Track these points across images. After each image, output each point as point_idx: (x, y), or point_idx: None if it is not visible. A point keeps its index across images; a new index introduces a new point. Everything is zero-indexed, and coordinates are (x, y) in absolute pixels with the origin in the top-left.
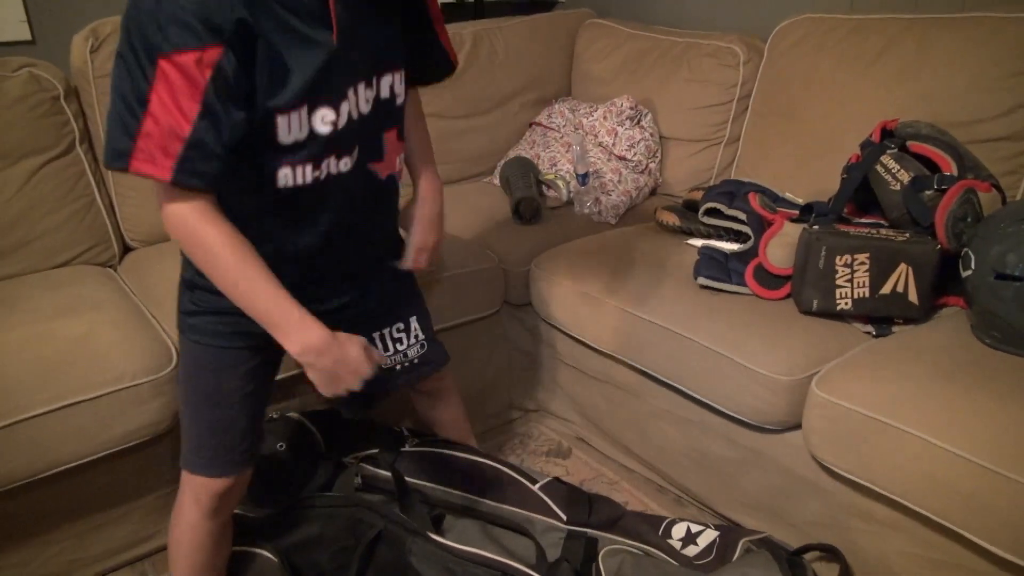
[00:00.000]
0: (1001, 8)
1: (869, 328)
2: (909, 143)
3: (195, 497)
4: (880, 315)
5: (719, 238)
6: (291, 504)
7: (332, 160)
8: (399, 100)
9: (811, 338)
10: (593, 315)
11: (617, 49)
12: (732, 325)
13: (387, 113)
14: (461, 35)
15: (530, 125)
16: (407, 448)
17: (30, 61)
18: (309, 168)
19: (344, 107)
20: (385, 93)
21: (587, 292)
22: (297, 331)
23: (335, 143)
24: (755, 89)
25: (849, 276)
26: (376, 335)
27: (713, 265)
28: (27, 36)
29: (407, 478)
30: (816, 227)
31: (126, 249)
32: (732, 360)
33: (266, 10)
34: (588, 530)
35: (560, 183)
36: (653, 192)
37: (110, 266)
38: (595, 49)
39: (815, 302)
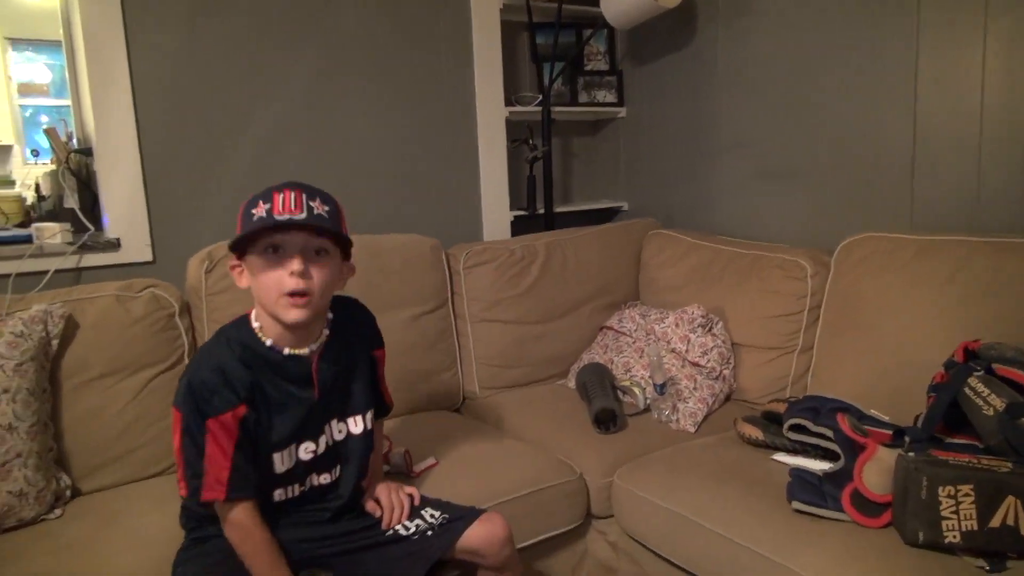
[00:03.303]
0: None
1: (981, 563)
2: (995, 366)
3: None
4: (992, 549)
5: (805, 454)
6: None
7: (315, 477)
8: (362, 431)
9: (920, 573)
10: (682, 535)
11: (683, 258)
12: (835, 556)
13: (356, 440)
14: (535, 246)
15: (601, 329)
16: None
17: (153, 282)
18: (297, 487)
19: (322, 440)
20: (354, 428)
21: (675, 510)
22: None
23: (317, 465)
24: (824, 301)
25: (954, 507)
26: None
27: (807, 488)
28: (149, 258)
29: None
30: (912, 454)
31: None
32: None
33: (268, 379)
34: None
35: (637, 390)
36: (728, 398)
37: None
38: (662, 258)
39: (921, 534)
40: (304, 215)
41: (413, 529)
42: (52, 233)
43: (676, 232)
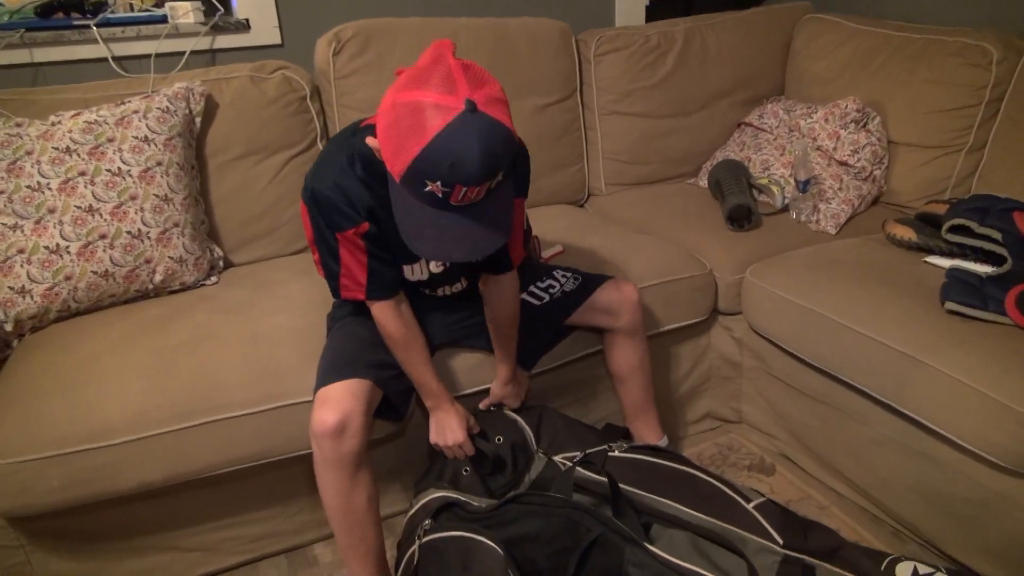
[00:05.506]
0: None
1: None
2: None
3: (315, 442)
4: None
5: (964, 257)
6: (511, 499)
7: (446, 288)
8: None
9: None
10: (815, 331)
11: (841, 46)
12: (986, 357)
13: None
14: (672, 32)
15: (738, 125)
16: (615, 453)
17: (283, 64)
18: (428, 291)
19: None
20: None
21: (809, 307)
22: (429, 396)
23: (447, 277)
24: (1009, 93)
25: None
26: (523, 293)
27: (965, 289)
28: (277, 40)
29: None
30: None
31: None
32: (986, 395)
33: (385, 205)
34: (805, 557)
35: (775, 188)
36: (876, 201)
37: None
38: (816, 46)
39: None
40: (482, 197)
41: (547, 298)
42: (184, 11)
43: (835, 16)
